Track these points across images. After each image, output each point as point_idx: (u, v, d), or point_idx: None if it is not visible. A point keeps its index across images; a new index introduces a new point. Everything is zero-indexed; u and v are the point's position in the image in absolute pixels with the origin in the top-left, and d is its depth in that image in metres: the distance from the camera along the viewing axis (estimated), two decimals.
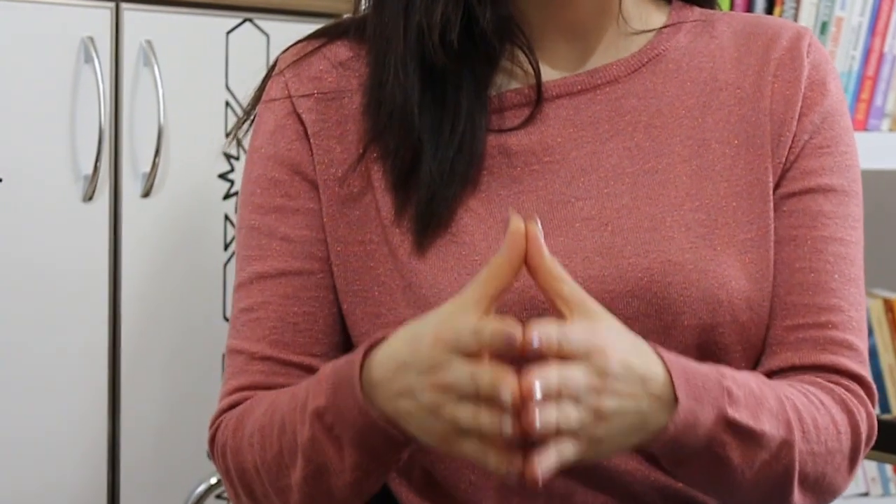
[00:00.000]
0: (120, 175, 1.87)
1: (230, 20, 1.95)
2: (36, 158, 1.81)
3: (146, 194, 1.89)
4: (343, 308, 1.30)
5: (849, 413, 1.25)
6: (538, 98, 1.29)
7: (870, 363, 1.31)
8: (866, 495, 2.37)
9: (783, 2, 2.05)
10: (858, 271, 1.31)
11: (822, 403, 1.23)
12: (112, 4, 1.85)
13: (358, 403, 1.12)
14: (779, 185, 1.30)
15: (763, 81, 1.31)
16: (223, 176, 1.96)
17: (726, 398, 1.14)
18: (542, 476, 1.04)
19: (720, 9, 1.41)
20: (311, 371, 1.28)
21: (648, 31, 1.34)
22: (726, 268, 1.24)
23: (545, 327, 1.05)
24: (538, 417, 1.02)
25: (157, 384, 1.92)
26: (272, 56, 1.42)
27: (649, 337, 1.20)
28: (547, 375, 1.04)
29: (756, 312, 1.26)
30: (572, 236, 1.25)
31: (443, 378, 1.05)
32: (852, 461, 1.27)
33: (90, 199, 1.85)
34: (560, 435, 1.05)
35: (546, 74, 1.30)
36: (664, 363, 1.12)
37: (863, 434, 1.26)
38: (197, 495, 1.93)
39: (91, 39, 1.83)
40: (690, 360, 1.15)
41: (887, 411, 2.31)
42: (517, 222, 1.08)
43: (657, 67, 1.32)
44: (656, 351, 1.12)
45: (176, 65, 1.90)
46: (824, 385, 1.26)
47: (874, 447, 1.32)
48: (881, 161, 1.96)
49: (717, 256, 1.25)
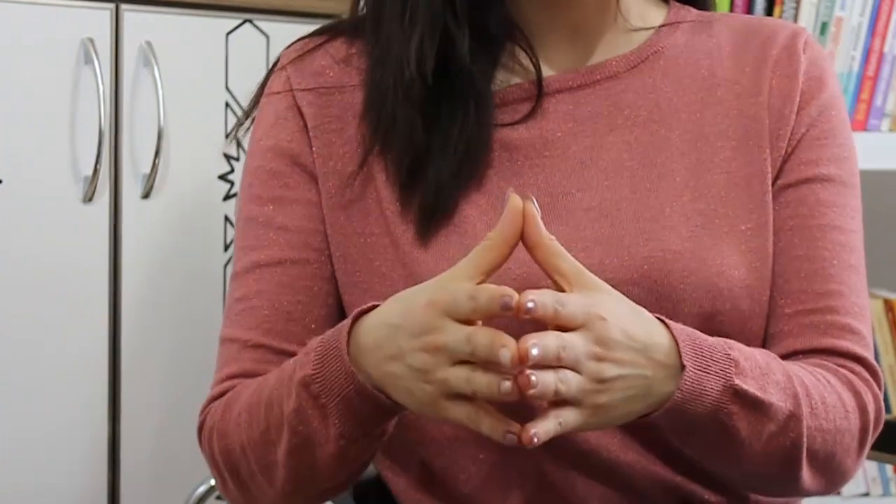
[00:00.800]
0: (120, 176, 1.88)
1: (230, 21, 1.96)
2: (36, 159, 1.81)
3: (146, 195, 1.89)
4: (344, 300, 1.30)
5: (856, 394, 1.25)
6: (539, 93, 1.29)
7: None
8: (867, 495, 2.37)
9: (783, 2, 2.05)
10: (858, 259, 1.31)
11: (829, 382, 1.23)
12: (112, 6, 1.85)
13: (345, 368, 1.12)
14: (777, 178, 1.30)
15: (761, 77, 1.32)
16: (223, 177, 1.96)
17: (733, 368, 1.14)
18: (539, 439, 1.04)
19: (716, 10, 1.42)
20: None
21: (647, 29, 1.35)
22: (725, 257, 1.25)
23: (542, 292, 1.05)
24: (535, 380, 1.03)
25: (157, 385, 1.92)
26: (272, 57, 1.42)
27: None
28: (544, 339, 1.04)
29: (756, 301, 1.26)
30: (573, 226, 1.26)
31: (435, 340, 1.05)
32: (861, 443, 1.26)
33: (90, 201, 1.85)
34: (561, 402, 1.06)
35: (545, 71, 1.31)
36: (670, 331, 1.12)
37: (871, 415, 1.26)
38: (197, 496, 1.93)
39: (91, 41, 1.83)
40: (696, 331, 1.15)
41: (888, 412, 2.31)
42: (515, 199, 1.08)
43: (656, 64, 1.33)
44: (661, 320, 1.12)
45: (176, 66, 1.90)
46: (829, 366, 1.26)
47: (874, 447, 1.31)
48: (881, 161, 1.96)
49: (717, 245, 1.25)
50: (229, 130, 1.93)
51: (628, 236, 1.24)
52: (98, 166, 1.83)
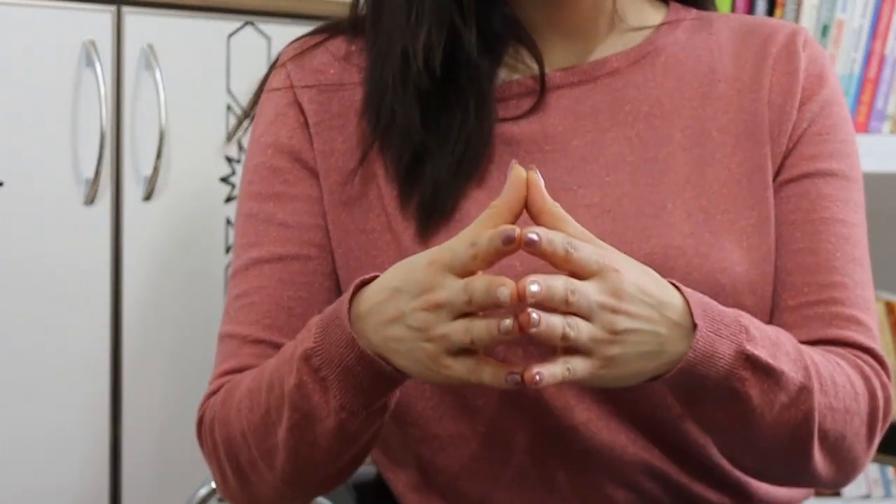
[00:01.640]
0: (121, 178, 1.87)
1: (231, 23, 1.96)
2: (37, 162, 1.81)
3: (147, 197, 1.89)
4: None
5: (865, 378, 1.25)
6: (542, 87, 1.30)
7: None
8: (868, 497, 2.37)
9: (784, 4, 2.05)
10: (863, 252, 1.31)
11: (839, 364, 1.23)
12: (113, 8, 1.86)
13: (346, 336, 1.12)
14: (778, 172, 1.31)
15: (761, 74, 1.33)
16: (224, 179, 1.96)
17: (745, 334, 1.13)
18: (543, 379, 1.03)
19: (717, 10, 1.43)
20: None
21: (646, 28, 1.35)
22: (728, 252, 1.25)
23: (549, 231, 1.05)
24: (536, 317, 1.02)
25: (159, 386, 1.92)
26: (273, 58, 1.42)
27: None
28: (548, 280, 1.03)
29: (759, 297, 1.26)
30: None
31: (435, 297, 1.05)
32: (871, 429, 1.25)
33: (91, 203, 1.85)
34: (572, 351, 1.05)
35: (547, 67, 1.31)
36: (681, 293, 1.11)
37: (880, 401, 1.25)
38: (199, 498, 1.93)
39: (92, 43, 1.83)
40: (707, 297, 1.14)
41: None
42: (518, 169, 1.08)
43: (656, 60, 1.34)
44: (672, 282, 1.12)
45: (177, 68, 1.90)
46: (838, 352, 1.25)
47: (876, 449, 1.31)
48: (882, 164, 1.96)
49: (718, 241, 1.25)
50: (230, 131, 1.93)
51: (630, 232, 1.25)
52: (99, 168, 1.83)
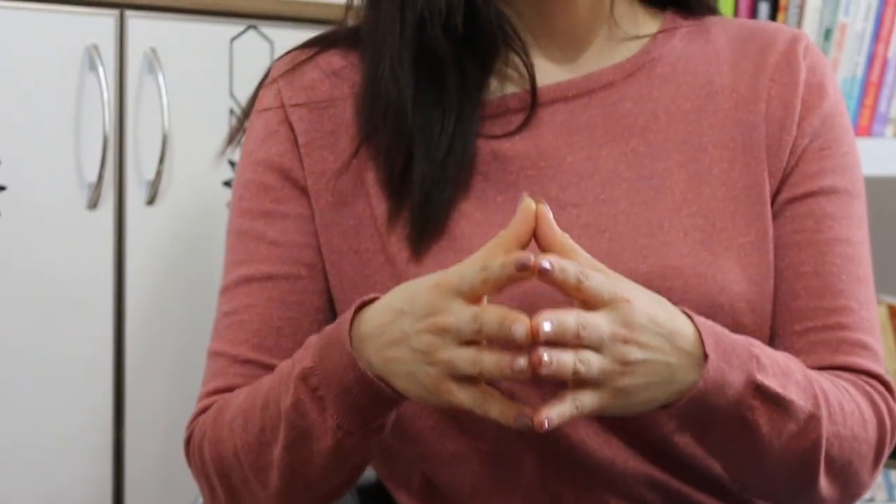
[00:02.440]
0: (124, 183, 1.87)
1: (234, 27, 1.96)
2: (40, 166, 1.81)
3: (150, 202, 1.89)
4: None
5: (873, 404, 1.24)
6: (533, 103, 1.28)
7: None
8: (872, 501, 2.37)
9: (786, 8, 2.05)
10: (867, 270, 1.30)
11: (847, 391, 1.23)
12: (116, 12, 1.85)
13: (346, 357, 1.11)
14: (780, 191, 1.29)
15: (759, 85, 1.31)
16: (227, 183, 1.96)
17: (755, 363, 1.13)
18: (552, 424, 1.02)
19: (719, 13, 1.42)
20: None
21: (642, 37, 1.34)
22: (726, 272, 1.24)
23: (564, 260, 1.04)
24: (548, 358, 1.00)
25: (162, 390, 1.92)
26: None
27: None
28: (560, 315, 1.02)
29: (758, 315, 1.26)
30: None
31: (441, 321, 1.04)
32: (878, 454, 1.25)
33: (94, 207, 1.85)
34: (581, 384, 1.04)
35: (540, 79, 1.30)
36: (693, 322, 1.11)
37: (888, 427, 1.25)
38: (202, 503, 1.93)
39: (95, 47, 1.83)
40: (718, 325, 1.14)
41: None
42: (528, 202, 1.07)
43: (652, 72, 1.32)
44: (683, 311, 1.11)
45: (180, 72, 1.90)
46: (846, 377, 1.25)
47: None
48: (885, 167, 1.96)
49: (716, 260, 1.24)
50: (227, 139, 1.93)
51: (627, 252, 1.24)
52: (102, 173, 1.83)
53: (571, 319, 1.02)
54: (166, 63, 1.88)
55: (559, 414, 1.03)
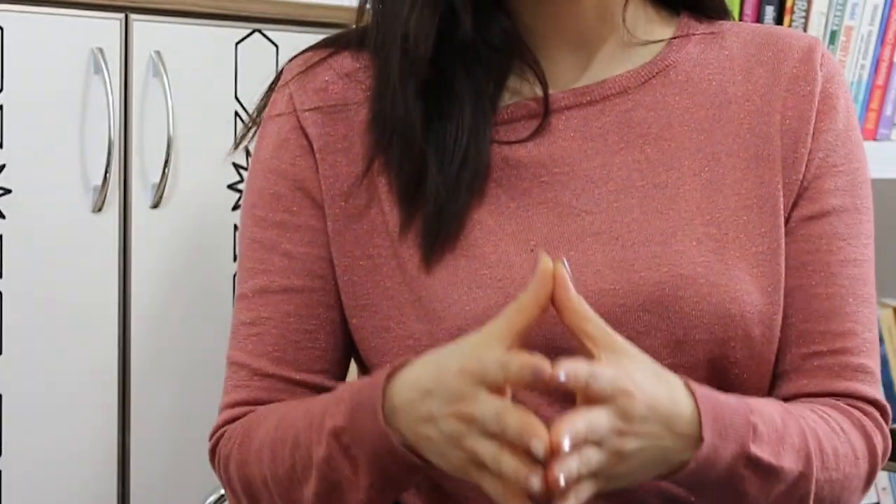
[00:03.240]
0: (129, 186, 1.87)
1: (239, 31, 1.95)
2: (45, 169, 1.81)
3: (156, 205, 1.89)
4: (352, 323, 1.29)
5: (867, 438, 1.27)
6: (546, 110, 1.28)
7: (881, 373, 1.32)
8: None
9: (793, 11, 2.04)
10: (871, 289, 1.32)
11: (843, 430, 1.25)
12: (121, 15, 1.85)
13: (378, 428, 1.12)
14: (797, 205, 1.29)
15: (774, 95, 1.31)
16: (232, 186, 1.96)
17: (751, 434, 1.15)
18: None
19: (732, 19, 1.40)
20: (313, 387, 1.29)
21: (656, 43, 1.33)
22: (738, 281, 1.23)
23: (575, 364, 1.06)
24: (563, 475, 1.03)
25: (168, 393, 1.92)
26: (281, 66, 1.41)
27: (661, 351, 1.20)
28: (575, 426, 1.04)
29: (768, 326, 1.26)
30: (583, 250, 1.24)
31: (467, 409, 1.06)
32: (868, 482, 1.28)
33: (100, 210, 1.84)
34: (579, 480, 1.06)
35: (553, 85, 1.29)
36: (694, 399, 1.13)
37: (879, 456, 1.28)
38: None
39: (100, 50, 1.83)
40: (720, 394, 1.16)
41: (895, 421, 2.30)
42: (546, 261, 1.09)
43: (666, 79, 1.31)
44: (687, 385, 1.13)
45: (185, 75, 1.90)
46: (843, 409, 1.27)
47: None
48: (890, 171, 1.96)
49: (729, 270, 1.24)
50: (237, 139, 1.93)
51: (639, 261, 1.23)
52: (107, 176, 1.83)
53: (582, 427, 1.04)
54: (171, 66, 1.88)
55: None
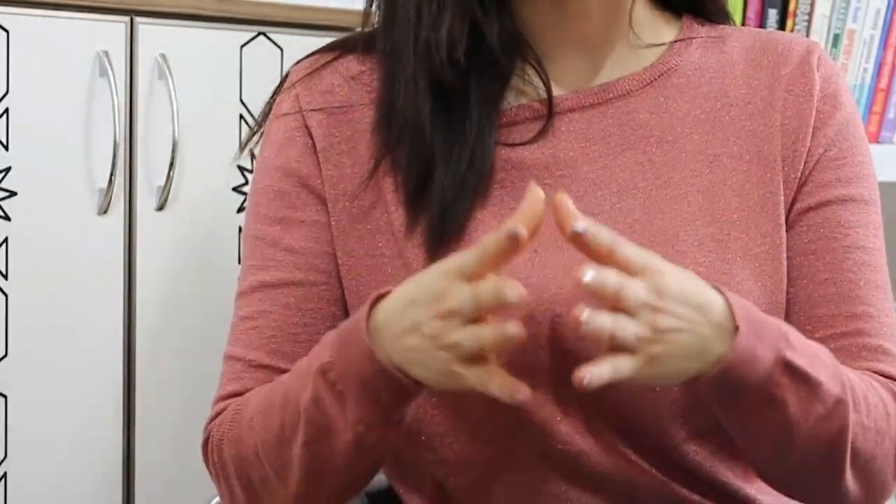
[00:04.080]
0: (135, 188, 1.87)
1: (244, 34, 1.95)
2: (51, 171, 1.81)
3: (161, 207, 1.89)
4: None
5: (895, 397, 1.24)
6: (549, 112, 1.28)
7: None
8: None
9: (795, 14, 2.05)
10: (884, 278, 1.30)
11: (872, 384, 1.23)
12: (127, 18, 1.86)
13: (364, 349, 1.12)
14: (795, 200, 1.29)
15: (774, 97, 1.31)
16: (237, 189, 1.96)
17: (785, 341, 1.14)
18: (591, 383, 1.03)
19: (733, 23, 1.41)
20: None
21: (659, 45, 1.33)
22: (740, 281, 1.24)
23: (597, 225, 1.05)
24: (587, 316, 1.02)
25: (171, 393, 1.92)
26: (286, 69, 1.41)
27: None
28: (603, 271, 1.04)
29: None
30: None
31: (447, 304, 1.06)
32: None
33: (105, 212, 1.85)
34: (616, 349, 1.05)
35: (557, 88, 1.30)
36: (724, 295, 1.12)
37: None
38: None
39: (106, 53, 1.83)
40: (749, 303, 1.15)
41: None
42: (536, 191, 1.08)
43: (669, 82, 1.32)
44: (714, 286, 1.12)
45: (190, 78, 1.90)
46: (870, 375, 1.25)
47: None
48: (894, 173, 1.95)
49: (731, 270, 1.24)
50: (242, 142, 1.93)
51: None
52: (113, 178, 1.83)
53: (613, 277, 1.04)
54: (176, 69, 1.88)
55: (598, 374, 1.04)
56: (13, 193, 1.78)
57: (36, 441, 1.81)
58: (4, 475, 1.79)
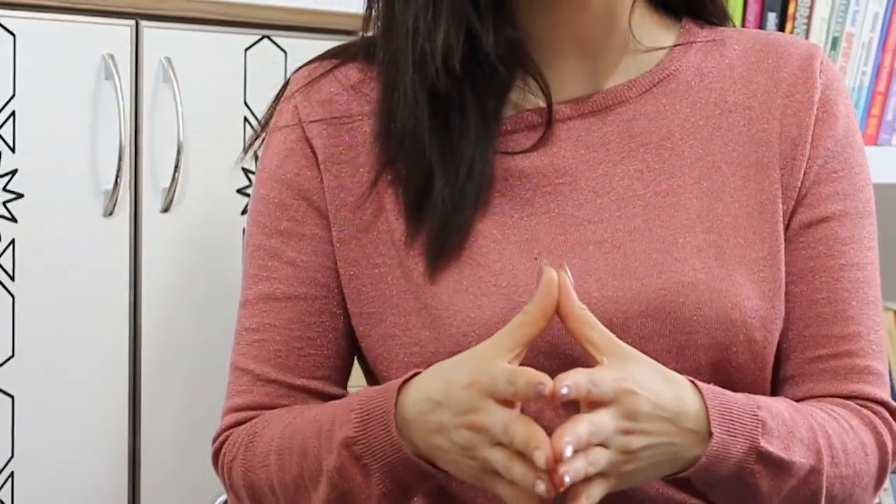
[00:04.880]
0: (140, 190, 1.88)
1: (248, 37, 1.96)
2: (57, 174, 1.82)
3: (166, 209, 1.89)
4: (358, 331, 1.29)
5: (876, 434, 1.26)
6: (549, 121, 1.28)
7: None
8: None
9: (794, 17, 2.04)
10: (876, 292, 1.31)
11: (852, 427, 1.25)
12: (132, 22, 1.86)
13: (392, 439, 1.14)
14: (796, 212, 1.29)
15: (773, 102, 1.30)
16: (241, 191, 1.96)
17: (760, 429, 1.16)
18: None
19: (733, 24, 1.40)
20: (315, 393, 1.30)
21: (658, 50, 1.32)
22: (739, 287, 1.23)
23: (575, 376, 1.08)
24: (568, 477, 1.05)
25: (177, 392, 1.92)
26: (290, 73, 1.41)
27: (663, 356, 1.20)
28: (577, 431, 1.06)
29: (769, 331, 1.25)
30: (585, 258, 1.24)
31: (478, 420, 1.08)
32: (879, 480, 1.28)
33: (111, 214, 1.85)
34: (589, 479, 1.08)
35: (557, 94, 1.28)
36: (701, 396, 1.14)
37: (889, 454, 1.27)
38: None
39: (111, 56, 1.83)
40: (726, 391, 1.17)
41: None
42: (550, 272, 1.11)
43: (668, 88, 1.30)
44: (693, 384, 1.15)
45: (195, 81, 1.91)
46: (852, 407, 1.27)
47: None
48: (891, 176, 1.96)
49: (730, 276, 1.24)
50: (246, 145, 1.94)
51: (641, 268, 1.23)
52: (118, 180, 1.84)
53: (584, 431, 1.07)
54: (181, 72, 1.89)
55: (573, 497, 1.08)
56: (20, 195, 1.79)
57: (42, 441, 1.82)
58: (11, 475, 1.80)
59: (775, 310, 1.26)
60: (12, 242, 1.78)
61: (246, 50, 1.95)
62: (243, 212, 1.95)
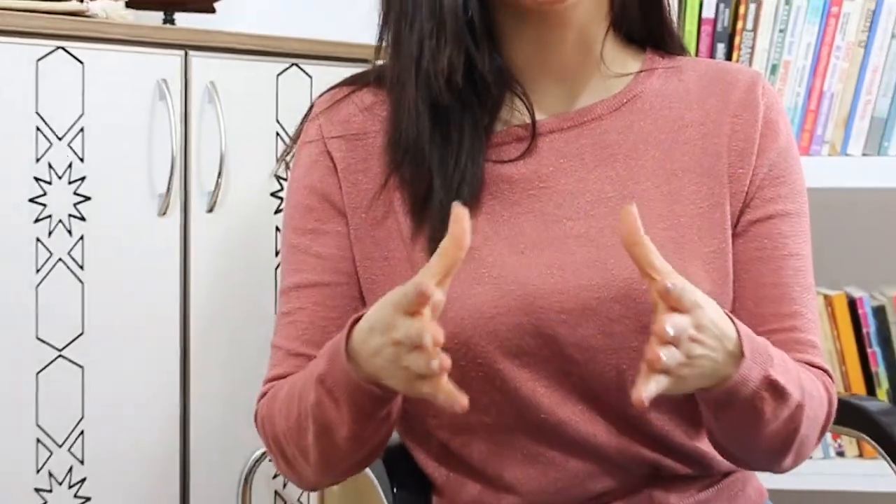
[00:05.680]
0: (189, 193, 1.88)
1: (280, 65, 1.96)
2: (119, 180, 1.82)
3: (210, 209, 1.89)
4: None
5: (826, 390, 1.28)
6: (533, 135, 1.28)
7: None
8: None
9: (740, 48, 2.05)
10: (811, 279, 1.32)
11: (814, 380, 1.26)
12: (182, 52, 1.86)
13: (344, 367, 1.13)
14: (743, 213, 1.29)
15: (723, 120, 1.31)
16: (274, 194, 1.96)
17: (770, 361, 1.16)
18: (647, 401, 1.04)
19: (689, 55, 1.41)
20: None
21: (626, 75, 1.33)
22: (693, 276, 1.23)
23: (675, 278, 1.06)
24: (665, 358, 1.04)
25: (221, 363, 1.92)
26: (315, 94, 1.41)
27: (630, 335, 1.20)
28: (674, 320, 1.05)
29: None
30: (565, 251, 1.24)
31: (394, 336, 1.06)
32: (823, 430, 1.29)
33: (164, 214, 1.85)
34: (655, 373, 1.05)
35: (539, 112, 1.29)
36: (735, 326, 1.14)
37: (833, 408, 1.29)
38: (254, 458, 1.94)
39: (164, 81, 1.83)
40: (746, 327, 1.17)
41: None
42: (458, 208, 1.07)
43: (634, 107, 1.31)
44: (728, 315, 1.14)
45: (235, 102, 1.90)
46: (805, 366, 1.28)
47: None
48: (821, 181, 1.96)
49: (687, 267, 1.24)
50: (278, 156, 1.94)
51: (611, 260, 1.23)
52: (170, 185, 1.83)
53: (679, 321, 1.06)
54: (223, 94, 1.88)
55: (648, 393, 1.04)
56: (88, 198, 1.79)
57: (107, 404, 1.82)
58: (82, 432, 1.80)
59: (724, 294, 1.27)
60: (81, 237, 1.78)
61: (278, 76, 1.95)
62: (276, 211, 1.95)
